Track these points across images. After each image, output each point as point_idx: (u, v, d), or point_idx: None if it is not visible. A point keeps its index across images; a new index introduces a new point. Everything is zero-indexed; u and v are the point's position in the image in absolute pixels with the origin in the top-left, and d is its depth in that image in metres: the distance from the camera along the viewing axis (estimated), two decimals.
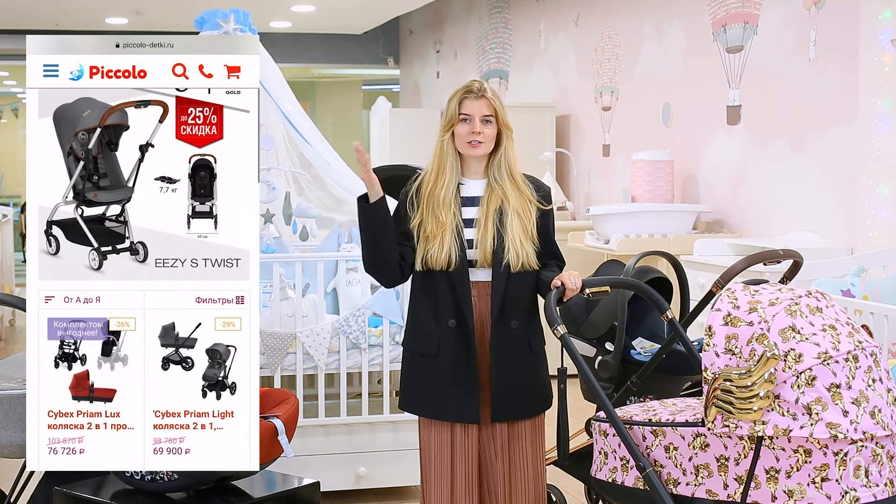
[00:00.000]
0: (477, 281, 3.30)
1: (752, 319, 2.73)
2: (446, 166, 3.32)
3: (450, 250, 3.26)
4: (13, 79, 18.09)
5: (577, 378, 3.84)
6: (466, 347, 3.28)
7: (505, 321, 3.29)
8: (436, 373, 3.33)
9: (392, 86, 15.22)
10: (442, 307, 3.30)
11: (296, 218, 5.40)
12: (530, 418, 3.37)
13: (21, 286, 10.07)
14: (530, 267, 3.30)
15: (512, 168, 3.33)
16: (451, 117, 3.31)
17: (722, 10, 6.65)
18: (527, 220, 3.30)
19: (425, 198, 3.31)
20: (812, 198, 5.87)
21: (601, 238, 6.69)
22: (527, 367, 3.34)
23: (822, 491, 2.64)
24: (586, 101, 8.54)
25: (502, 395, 3.30)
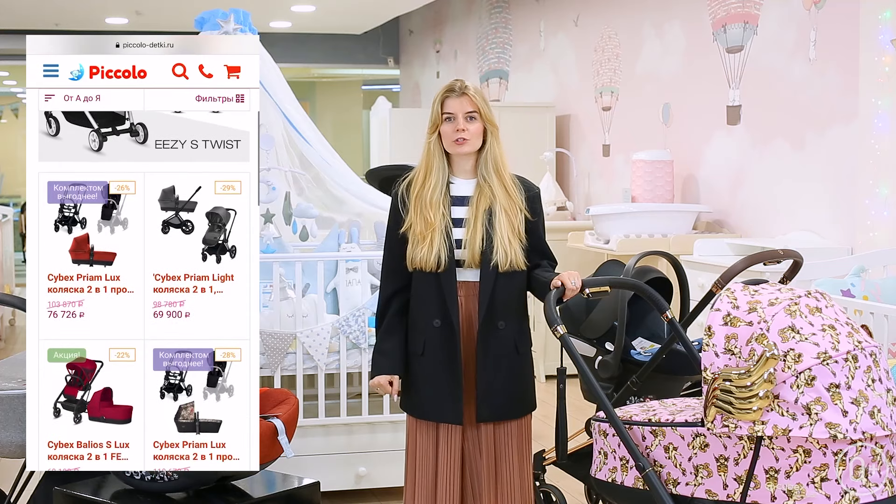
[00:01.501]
0: (465, 281, 3.31)
1: (752, 319, 2.73)
2: (434, 167, 3.33)
3: (439, 251, 3.27)
4: (13, 79, 18.10)
5: (576, 378, 3.84)
6: (451, 347, 3.30)
7: (492, 322, 3.30)
8: (421, 372, 3.35)
9: (392, 86, 15.22)
10: (428, 307, 3.32)
11: (296, 218, 5.40)
12: (515, 419, 3.38)
13: (21, 286, 10.07)
14: (518, 267, 3.31)
15: (498, 165, 3.34)
16: (435, 118, 3.33)
17: (722, 10, 6.65)
18: (514, 219, 3.31)
19: (414, 199, 3.33)
20: (812, 198, 5.87)
21: (601, 238, 6.69)
22: (513, 368, 3.34)
23: (822, 491, 2.64)
24: (586, 101, 8.54)
25: (487, 395, 3.31)
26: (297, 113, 5.36)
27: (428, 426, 3.36)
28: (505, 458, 3.35)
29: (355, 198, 5.43)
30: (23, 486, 3.80)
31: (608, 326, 4.01)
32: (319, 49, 13.57)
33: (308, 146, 5.37)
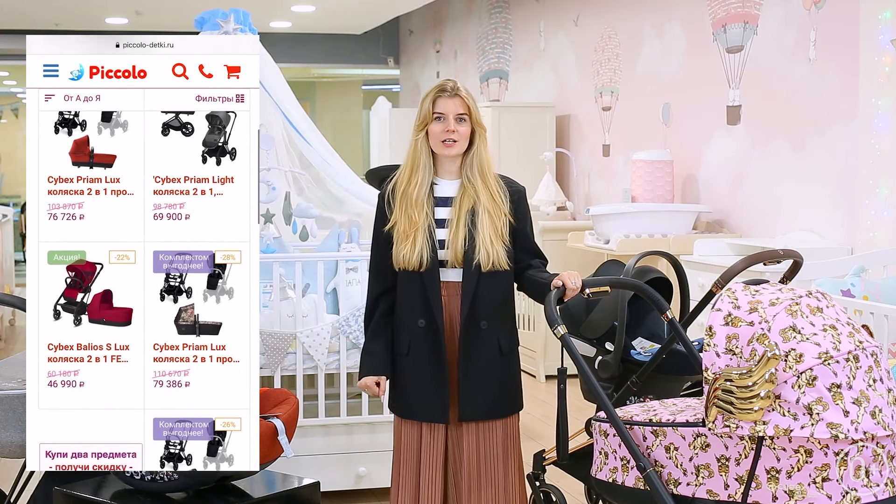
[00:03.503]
0: (448, 281, 3.31)
1: (753, 319, 2.73)
2: (419, 166, 3.34)
3: (421, 251, 3.27)
4: (13, 79, 18.10)
5: (576, 378, 3.84)
6: (435, 347, 3.30)
7: (474, 321, 3.30)
8: (406, 371, 3.36)
9: (392, 86, 15.22)
10: (413, 306, 3.32)
11: (296, 218, 5.40)
12: (500, 419, 3.37)
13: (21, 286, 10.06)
14: (501, 267, 3.30)
15: (483, 167, 3.33)
16: (424, 116, 3.32)
17: (722, 10, 6.65)
18: (497, 220, 3.30)
19: (399, 197, 3.33)
20: (812, 198, 5.87)
21: (601, 238, 6.69)
22: (495, 367, 3.34)
23: (823, 491, 2.64)
24: (586, 101, 8.54)
25: (470, 395, 3.31)
26: (297, 113, 5.36)
27: (412, 425, 3.37)
28: (489, 458, 3.35)
29: (355, 198, 5.43)
30: (23, 486, 3.80)
31: (608, 326, 4.01)
32: (319, 49, 13.57)
33: (308, 146, 5.37)
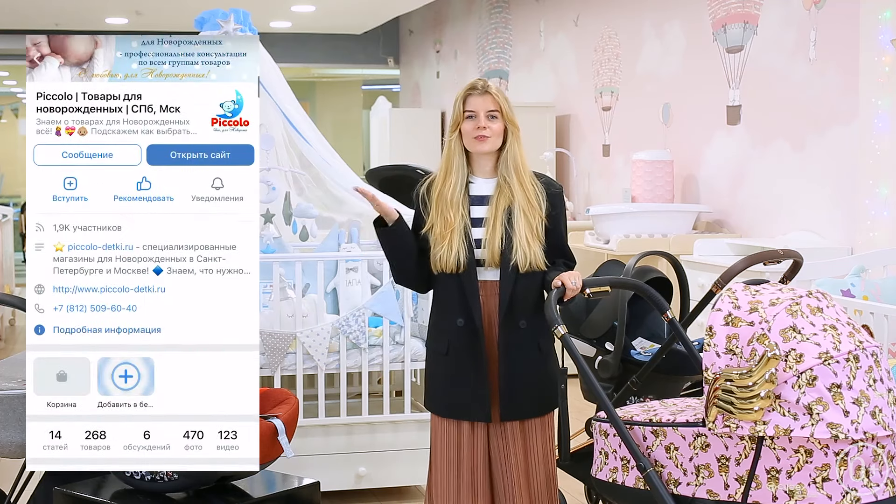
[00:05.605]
0: (485, 280, 3.31)
1: (753, 319, 2.73)
2: (454, 166, 3.32)
3: (458, 252, 3.26)
4: (13, 79, 18.09)
5: (577, 378, 3.84)
6: (475, 346, 3.29)
7: (513, 321, 3.29)
8: (446, 371, 3.35)
9: (392, 86, 15.22)
10: (451, 306, 3.31)
11: (296, 218, 5.39)
12: (539, 417, 3.37)
13: (21, 286, 10.06)
14: (538, 267, 3.29)
15: (518, 165, 3.32)
16: (456, 116, 3.32)
17: (722, 10, 6.65)
18: (533, 219, 3.29)
19: (435, 198, 3.32)
20: (812, 198, 5.87)
21: (601, 238, 6.69)
22: (535, 366, 3.34)
23: (823, 491, 2.64)
24: (586, 101, 8.54)
25: (511, 393, 3.31)
26: (297, 113, 5.36)
27: (451, 425, 3.35)
28: (532, 456, 3.36)
29: (355, 198, 5.42)
30: (23, 486, 3.80)
31: (608, 326, 4.01)
32: (319, 49, 13.57)
33: (308, 146, 5.36)
